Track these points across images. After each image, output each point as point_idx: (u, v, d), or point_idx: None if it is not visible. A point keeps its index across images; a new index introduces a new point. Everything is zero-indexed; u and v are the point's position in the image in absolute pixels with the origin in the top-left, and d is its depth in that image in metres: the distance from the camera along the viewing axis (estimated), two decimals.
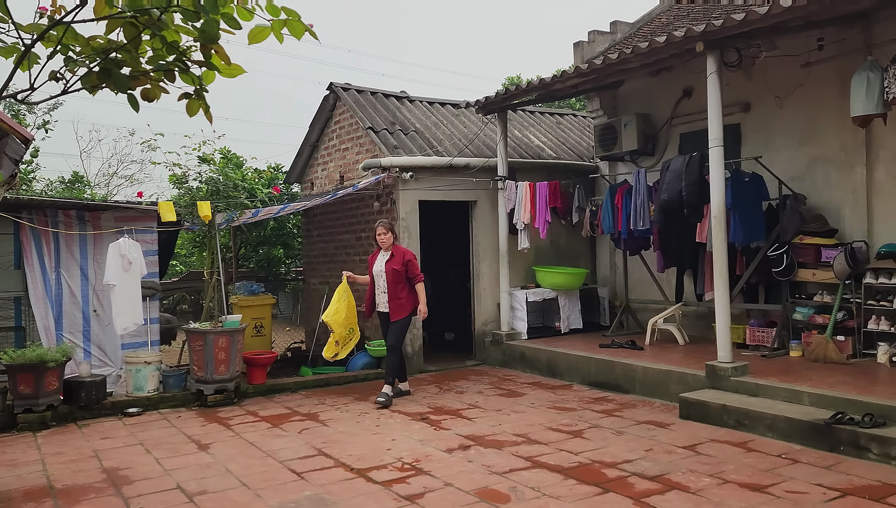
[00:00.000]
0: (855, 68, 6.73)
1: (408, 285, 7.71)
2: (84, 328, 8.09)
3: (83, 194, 16.38)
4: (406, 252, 7.81)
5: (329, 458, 5.59)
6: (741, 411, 5.94)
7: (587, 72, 8.17)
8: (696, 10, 9.79)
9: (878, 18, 7.16)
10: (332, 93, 10.96)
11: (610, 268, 10.69)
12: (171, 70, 1.80)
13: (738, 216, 7.51)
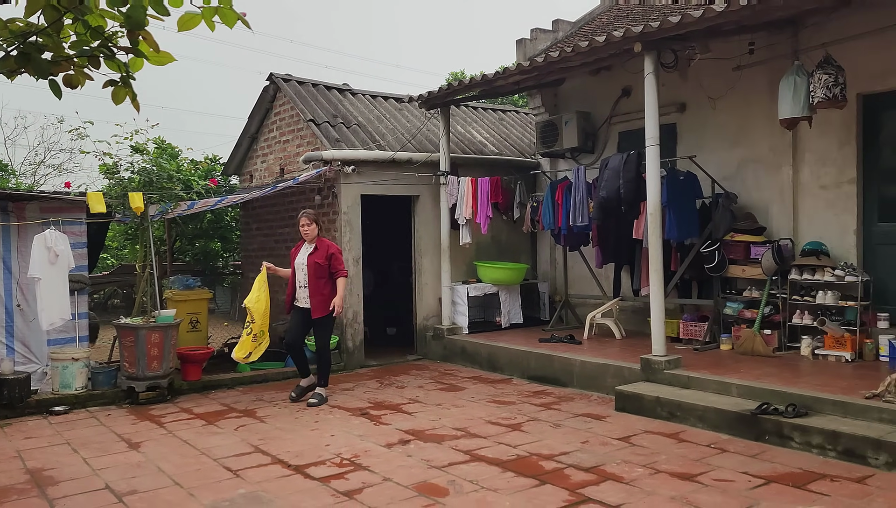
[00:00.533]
0: (783, 72, 6.98)
1: (331, 281, 7.40)
2: (7, 323, 7.76)
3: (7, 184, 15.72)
4: (331, 245, 7.54)
5: (266, 455, 5.51)
6: (674, 403, 6.11)
7: (529, 69, 8.26)
8: (634, 11, 9.97)
9: (805, 25, 7.44)
10: (272, 84, 10.78)
11: (550, 263, 10.83)
12: (95, 56, 1.74)
13: (673, 214, 7.70)
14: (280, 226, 10.70)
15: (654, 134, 6.83)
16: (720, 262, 7.79)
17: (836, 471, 4.74)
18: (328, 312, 7.26)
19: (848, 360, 6.83)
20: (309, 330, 7.57)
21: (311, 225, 7.40)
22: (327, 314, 7.29)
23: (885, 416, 5.14)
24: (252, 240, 11.76)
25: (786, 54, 7.67)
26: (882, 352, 6.70)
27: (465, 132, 11.50)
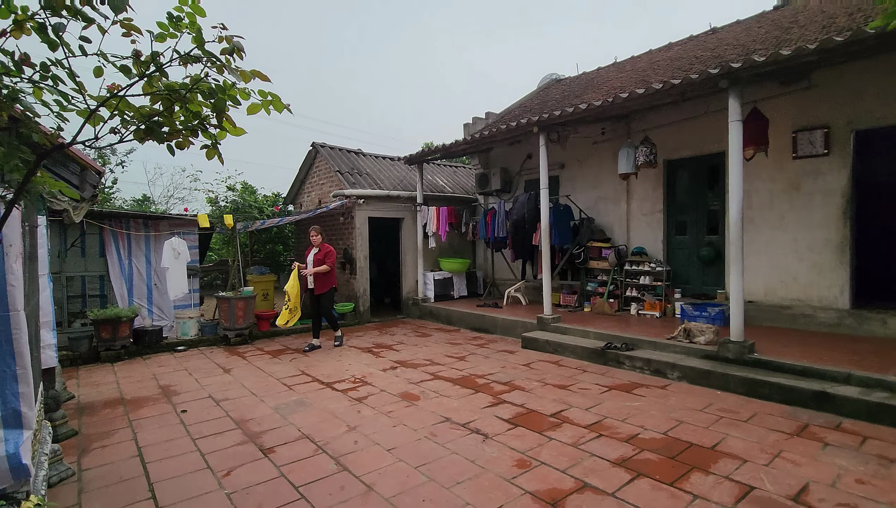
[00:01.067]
0: (621, 145, 7.13)
1: (330, 270, 6.83)
2: (148, 295, 7.54)
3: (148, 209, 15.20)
4: (328, 248, 6.91)
5: (308, 376, 5.45)
6: (556, 343, 6.20)
7: (470, 141, 8.30)
8: (535, 107, 10.09)
9: (633, 119, 7.62)
10: (314, 148, 10.62)
11: (484, 259, 10.89)
12: (195, 130, 1.70)
13: (556, 229, 7.81)
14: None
15: (545, 182, 6.91)
16: (585, 258, 7.93)
17: (650, 382, 4.87)
18: (325, 290, 6.81)
19: (657, 317, 7.01)
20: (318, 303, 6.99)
21: (317, 235, 6.95)
22: (327, 291, 6.83)
23: (677, 350, 5.30)
24: (300, 244, 11.48)
25: (622, 135, 7.84)
26: (677, 312, 6.90)
27: (432, 179, 11.48)
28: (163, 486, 2.99)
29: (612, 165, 7.88)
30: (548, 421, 3.92)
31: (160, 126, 1.65)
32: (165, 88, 1.46)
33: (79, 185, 3.12)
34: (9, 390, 2.07)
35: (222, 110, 1.55)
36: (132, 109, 1.58)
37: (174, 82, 1.49)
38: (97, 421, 4.18)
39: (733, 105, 4.77)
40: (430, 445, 3.51)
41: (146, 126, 1.58)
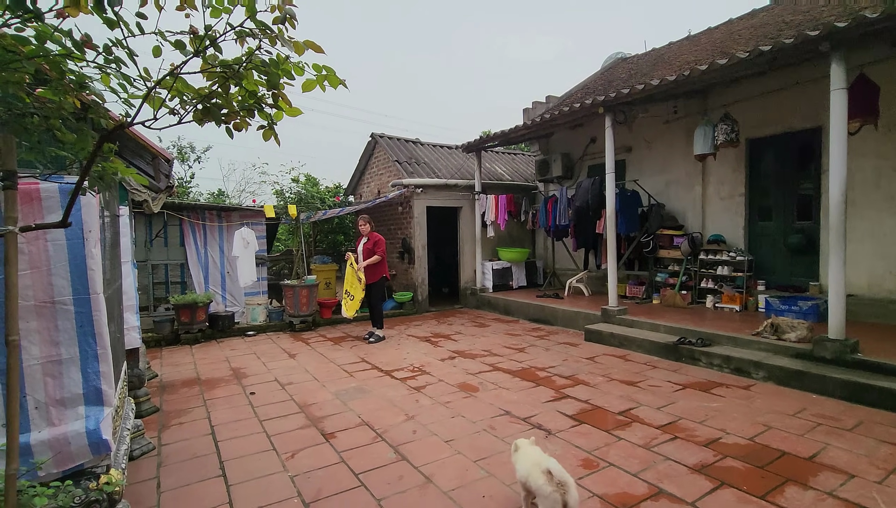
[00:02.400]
0: (695, 125, 6.57)
1: (381, 260, 6.70)
2: (222, 282, 7.97)
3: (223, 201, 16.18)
4: (377, 237, 6.73)
5: (368, 363, 5.51)
6: (622, 336, 5.86)
7: (531, 126, 8.00)
8: (598, 87, 9.56)
9: (711, 93, 6.99)
10: (373, 139, 10.75)
11: (544, 248, 10.56)
12: (251, 110, 1.65)
13: (622, 216, 7.37)
14: (378, 225, 10.68)
15: (611, 166, 6.51)
16: (654, 247, 7.44)
17: (730, 381, 4.46)
18: (374, 280, 6.65)
19: (737, 310, 6.44)
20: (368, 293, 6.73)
21: (365, 225, 6.78)
22: (376, 281, 6.67)
23: (762, 347, 4.81)
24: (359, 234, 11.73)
25: (696, 113, 7.22)
26: (761, 306, 6.29)
27: (490, 167, 11.27)
28: (232, 465, 3.09)
29: (686, 146, 7.30)
30: (615, 419, 3.67)
31: (218, 107, 1.62)
32: (220, 65, 1.42)
33: (154, 175, 3.28)
34: (90, 368, 2.18)
35: (276, 86, 1.49)
36: (190, 89, 1.55)
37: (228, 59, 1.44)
38: (176, 399, 4.45)
39: (837, 71, 4.17)
40: (489, 439, 3.39)
41: (203, 106, 1.55)
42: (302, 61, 1.51)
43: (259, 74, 1.48)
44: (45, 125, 1.60)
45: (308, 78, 1.57)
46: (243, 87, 1.56)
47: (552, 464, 2.25)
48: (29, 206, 2.08)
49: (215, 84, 1.55)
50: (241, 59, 1.42)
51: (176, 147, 16.34)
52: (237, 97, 1.63)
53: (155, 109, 1.52)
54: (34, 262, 2.09)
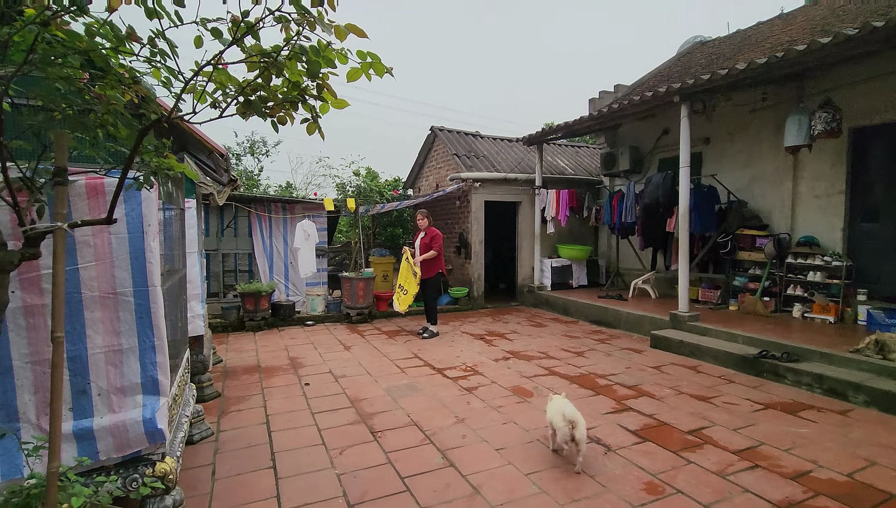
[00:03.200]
0: (787, 114, 5.88)
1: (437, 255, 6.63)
2: (285, 272, 8.27)
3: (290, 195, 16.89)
4: (434, 232, 6.68)
5: (420, 360, 5.45)
6: (693, 345, 5.38)
7: (597, 117, 7.56)
8: (673, 74, 8.87)
9: (808, 77, 6.22)
10: (432, 132, 10.69)
11: (607, 246, 10.03)
12: (295, 102, 1.56)
13: (697, 214, 6.80)
14: (435, 219, 10.64)
15: (686, 159, 5.99)
16: (732, 248, 6.79)
17: (821, 404, 3.93)
18: (430, 275, 6.63)
19: (831, 322, 5.72)
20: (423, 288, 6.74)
21: (423, 219, 6.77)
22: (432, 277, 6.65)
23: (864, 366, 4.21)
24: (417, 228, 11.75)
25: (789, 100, 6.46)
26: (861, 318, 5.53)
27: (552, 160, 10.85)
28: (282, 457, 3.12)
29: (775, 137, 6.58)
30: (684, 439, 3.33)
31: (262, 99, 1.54)
32: (258, 54, 1.33)
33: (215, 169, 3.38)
34: (148, 359, 2.24)
35: (315, 74, 1.38)
36: (233, 80, 1.48)
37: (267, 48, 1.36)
38: (237, 385, 4.62)
39: None
40: (542, 450, 3.19)
41: (245, 99, 1.48)
42: (345, 48, 1.39)
43: (300, 63, 1.39)
44: (100, 121, 1.60)
45: (353, 66, 1.45)
46: (286, 77, 1.47)
47: (568, 408, 3.01)
48: (95, 200, 2.15)
49: (257, 75, 1.48)
50: (279, 47, 1.33)
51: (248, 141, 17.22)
52: (282, 89, 1.56)
53: (199, 101, 1.47)
54: (99, 254, 2.16)
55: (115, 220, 1.56)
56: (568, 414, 2.95)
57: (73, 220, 2.08)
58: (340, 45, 1.41)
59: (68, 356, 2.10)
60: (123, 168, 1.44)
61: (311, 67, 1.36)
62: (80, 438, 2.09)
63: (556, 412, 3.06)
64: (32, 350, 2.03)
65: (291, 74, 1.46)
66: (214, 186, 4.07)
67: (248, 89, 1.47)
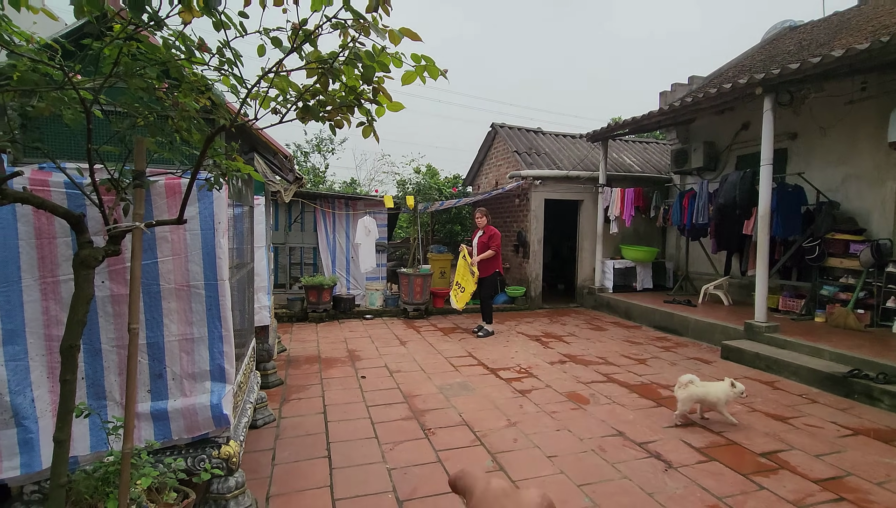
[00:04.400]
0: (892, 105, 5.22)
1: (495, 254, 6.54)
2: (346, 266, 8.55)
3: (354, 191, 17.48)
4: (493, 231, 6.57)
5: (474, 359, 5.43)
6: (771, 358, 4.95)
7: (668, 112, 7.12)
8: (756, 64, 8.17)
9: None
10: (493, 129, 10.60)
11: (675, 248, 9.47)
12: (351, 106, 1.57)
13: (779, 216, 6.23)
14: (494, 217, 10.55)
15: (769, 156, 5.51)
16: (820, 254, 6.15)
17: None
18: (487, 274, 6.55)
19: None
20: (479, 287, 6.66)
21: (482, 218, 6.69)
22: (489, 276, 6.56)
23: None
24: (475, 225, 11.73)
25: (894, 90, 5.73)
26: None
27: (617, 157, 10.38)
28: (337, 447, 3.23)
29: (876, 132, 5.88)
30: (757, 462, 3.07)
31: (321, 104, 1.58)
32: (315, 60, 1.36)
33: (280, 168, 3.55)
34: (216, 348, 2.39)
35: (369, 80, 1.39)
36: (294, 86, 1.53)
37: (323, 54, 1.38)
38: (299, 374, 4.84)
39: None
40: (596, 461, 3.06)
41: (304, 104, 1.52)
42: (399, 52, 1.39)
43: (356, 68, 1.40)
44: (175, 126, 1.71)
45: (407, 70, 1.45)
46: (343, 82, 1.49)
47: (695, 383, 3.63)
48: (173, 198, 2.31)
49: (315, 81, 1.51)
50: (336, 54, 1.35)
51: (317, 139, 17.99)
52: (339, 93, 1.58)
53: (262, 106, 1.53)
54: (176, 249, 2.33)
55: (185, 220, 1.66)
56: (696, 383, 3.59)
57: (154, 218, 2.26)
58: (395, 49, 1.41)
59: (147, 342, 2.28)
60: (193, 171, 1.53)
61: (365, 72, 1.37)
62: (156, 418, 2.27)
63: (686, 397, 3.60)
64: (118, 335, 2.22)
65: (348, 79, 1.48)
66: (282, 183, 4.28)
67: (307, 95, 1.51)
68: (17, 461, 2.04)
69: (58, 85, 1.42)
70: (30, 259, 2.09)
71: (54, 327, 2.13)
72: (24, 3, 1.46)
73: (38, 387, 2.10)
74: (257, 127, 1.59)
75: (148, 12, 1.24)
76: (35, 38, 1.65)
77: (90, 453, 2.14)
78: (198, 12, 1.31)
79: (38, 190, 2.09)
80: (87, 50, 1.49)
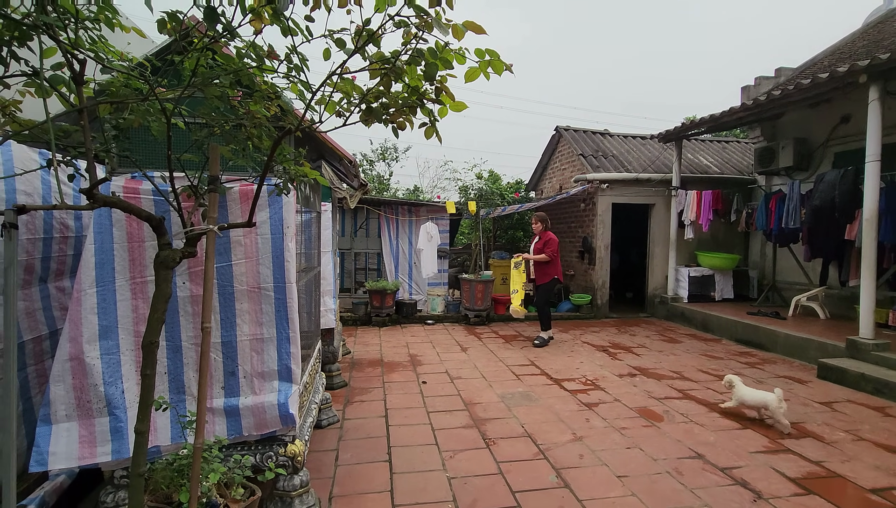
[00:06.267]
0: None
1: (550, 260, 6.28)
2: (409, 272, 8.66)
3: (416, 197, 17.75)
4: (549, 236, 6.34)
5: (537, 368, 5.26)
6: (881, 380, 4.35)
7: (752, 107, 6.56)
8: (857, 51, 7.32)
9: None
10: (557, 132, 10.34)
11: (760, 255, 8.68)
12: (413, 106, 1.55)
13: (888, 219, 5.51)
14: (557, 222, 10.27)
15: (876, 151, 4.89)
16: None
17: None
18: (544, 281, 6.33)
19: None
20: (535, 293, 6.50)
21: (537, 224, 6.48)
22: (546, 282, 6.33)
23: None
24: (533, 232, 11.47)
25: None
26: None
27: (693, 158, 9.73)
28: (398, 452, 3.22)
29: None
30: (865, 499, 2.67)
31: (384, 106, 1.57)
32: (378, 60, 1.34)
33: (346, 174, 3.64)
34: (283, 349, 2.46)
35: (431, 77, 1.35)
36: (357, 89, 1.53)
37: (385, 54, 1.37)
38: (362, 377, 4.93)
39: None
40: (672, 485, 2.81)
41: (367, 106, 1.51)
42: (462, 47, 1.34)
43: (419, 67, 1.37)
44: (248, 134, 1.78)
45: (470, 66, 1.39)
46: (406, 83, 1.47)
47: None
48: (247, 204, 2.42)
49: (378, 82, 1.50)
50: (398, 52, 1.32)
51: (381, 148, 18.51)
52: (402, 94, 1.56)
53: (327, 110, 1.54)
54: (248, 253, 2.43)
55: (254, 223, 1.71)
56: None
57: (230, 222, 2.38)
58: (458, 45, 1.36)
59: (222, 341, 2.40)
60: (260, 176, 1.57)
61: (428, 70, 1.33)
62: (229, 414, 2.37)
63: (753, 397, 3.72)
64: (196, 334, 2.35)
65: (411, 78, 1.45)
66: (347, 190, 4.39)
67: (370, 96, 1.50)
68: (109, 447, 2.20)
69: (144, 97, 1.51)
70: (122, 261, 2.27)
71: (142, 324, 2.29)
72: (117, 23, 1.58)
73: (128, 380, 2.26)
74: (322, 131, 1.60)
75: (222, 23, 1.29)
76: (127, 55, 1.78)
77: (171, 444, 2.27)
78: (267, 20, 1.34)
79: (130, 197, 2.27)
80: (169, 64, 1.58)
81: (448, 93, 1.53)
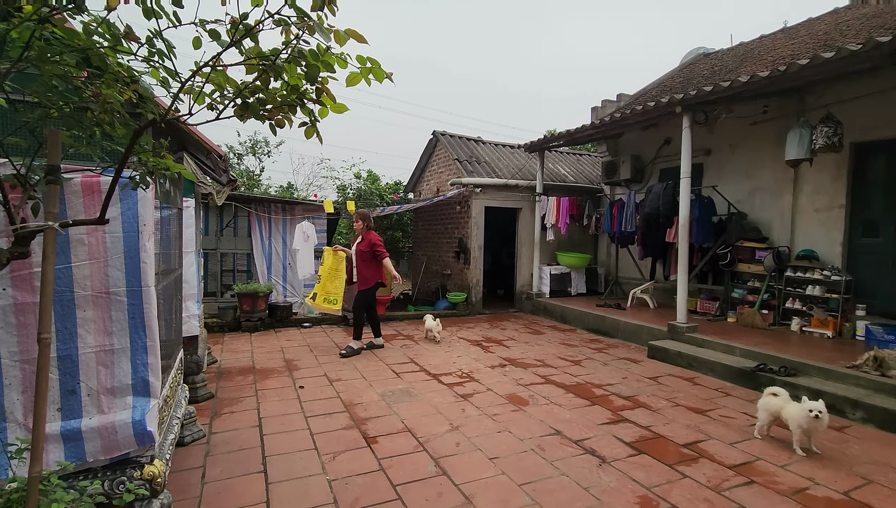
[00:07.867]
0: (787, 127, 5.88)
1: (373, 264, 5.84)
2: (283, 273, 8.23)
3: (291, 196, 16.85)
4: (374, 237, 5.87)
5: (416, 365, 5.41)
6: (691, 356, 5.36)
7: (599, 126, 7.55)
8: (676, 85, 8.88)
9: (810, 91, 6.21)
10: (434, 136, 10.70)
11: (606, 255, 10.02)
12: (293, 105, 1.54)
13: (697, 225, 6.79)
14: (434, 223, 10.65)
15: (688, 170, 5.99)
16: (731, 260, 6.77)
17: None
18: (367, 287, 5.87)
19: (829, 337, 5.69)
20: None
21: (359, 222, 6.00)
22: (367, 289, 5.88)
23: (861, 382, 4.18)
24: (418, 231, 11.78)
25: (790, 113, 6.45)
26: (859, 333, 5.52)
27: (553, 168, 10.85)
28: (274, 461, 3.09)
29: (775, 150, 6.58)
30: (680, 452, 3.30)
31: (260, 102, 1.53)
32: (256, 56, 1.32)
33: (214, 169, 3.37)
34: (139, 360, 2.21)
35: (313, 79, 1.37)
36: (232, 82, 1.47)
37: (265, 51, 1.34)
38: (231, 387, 4.58)
39: None
40: (536, 460, 3.16)
41: (242, 101, 1.46)
42: (344, 53, 1.38)
43: (300, 67, 1.37)
44: (96, 120, 1.59)
45: (352, 71, 1.44)
46: (285, 81, 1.45)
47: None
48: (91, 198, 2.13)
49: (256, 78, 1.46)
50: (278, 51, 1.31)
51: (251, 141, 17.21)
52: (280, 92, 1.54)
53: (196, 102, 1.46)
54: (93, 253, 2.14)
55: (107, 220, 1.54)
56: None
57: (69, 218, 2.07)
58: (340, 50, 1.40)
59: (59, 355, 2.07)
60: (117, 168, 1.42)
61: (310, 71, 1.34)
62: (67, 439, 2.06)
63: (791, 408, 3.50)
64: (22, 349, 2.00)
65: (290, 77, 1.44)
66: (214, 185, 4.05)
67: (246, 92, 1.46)
68: None
69: None
70: None
71: None
72: None
73: None
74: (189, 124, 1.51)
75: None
76: None
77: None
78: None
79: None
80: None
81: (329, 94, 1.56)
